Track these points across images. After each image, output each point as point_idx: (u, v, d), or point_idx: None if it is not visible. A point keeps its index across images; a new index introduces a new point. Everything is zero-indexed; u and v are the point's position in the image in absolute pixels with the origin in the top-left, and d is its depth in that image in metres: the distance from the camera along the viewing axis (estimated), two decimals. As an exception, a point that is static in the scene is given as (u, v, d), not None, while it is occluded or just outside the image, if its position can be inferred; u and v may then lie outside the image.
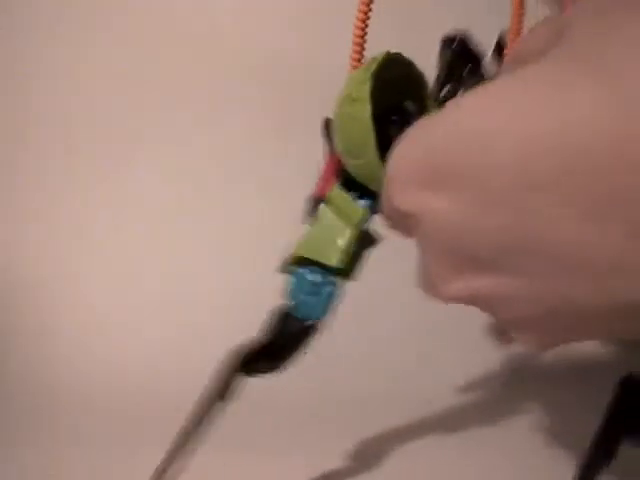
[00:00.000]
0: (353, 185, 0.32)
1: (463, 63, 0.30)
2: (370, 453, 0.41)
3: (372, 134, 0.28)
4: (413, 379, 0.48)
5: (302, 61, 0.58)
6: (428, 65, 0.31)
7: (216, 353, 0.33)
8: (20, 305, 0.58)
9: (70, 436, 0.37)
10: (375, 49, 0.31)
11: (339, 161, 0.32)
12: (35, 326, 0.57)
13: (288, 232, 0.33)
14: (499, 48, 0.31)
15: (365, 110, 0.28)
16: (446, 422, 0.45)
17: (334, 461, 0.40)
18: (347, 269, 0.34)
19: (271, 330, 0.34)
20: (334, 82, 0.32)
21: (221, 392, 0.33)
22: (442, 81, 0.31)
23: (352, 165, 0.30)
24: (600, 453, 0.29)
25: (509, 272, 0.21)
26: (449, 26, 0.31)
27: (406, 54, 0.31)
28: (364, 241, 0.34)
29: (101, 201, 0.61)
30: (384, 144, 0.28)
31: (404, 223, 0.25)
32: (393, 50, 0.30)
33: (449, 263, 0.23)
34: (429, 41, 0.32)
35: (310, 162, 0.33)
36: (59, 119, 0.62)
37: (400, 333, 0.52)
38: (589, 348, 0.47)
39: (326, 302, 0.33)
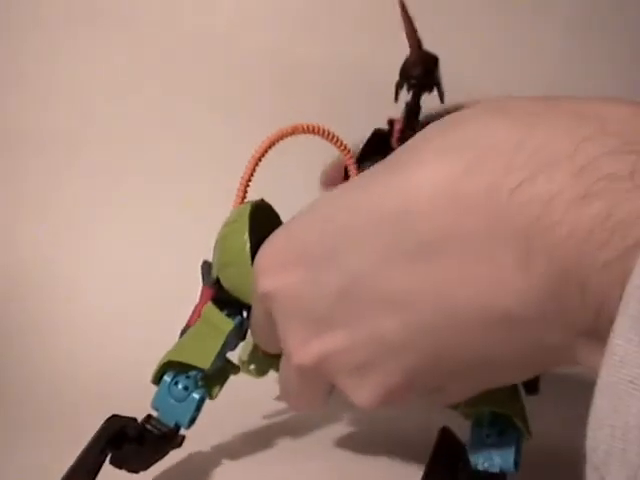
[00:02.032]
0: (226, 304, 0.37)
1: None
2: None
3: (247, 243, 0.34)
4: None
5: (303, 61, 0.60)
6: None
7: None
8: (20, 304, 0.57)
9: (71, 434, 0.36)
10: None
11: (213, 291, 0.37)
12: (35, 325, 0.56)
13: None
14: None
15: (244, 225, 0.35)
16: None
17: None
18: (212, 385, 0.38)
19: (141, 428, 0.36)
20: (335, 82, 0.36)
21: (89, 473, 0.34)
22: None
23: (227, 274, 0.36)
24: None
25: (349, 324, 0.26)
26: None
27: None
28: (228, 367, 0.39)
29: (101, 200, 0.61)
30: None
31: (266, 313, 0.30)
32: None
33: (301, 330, 0.28)
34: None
35: (311, 162, 0.38)
36: (59, 119, 0.62)
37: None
38: None
39: (193, 408, 0.36)
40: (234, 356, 0.40)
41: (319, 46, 0.60)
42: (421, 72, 0.40)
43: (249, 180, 0.40)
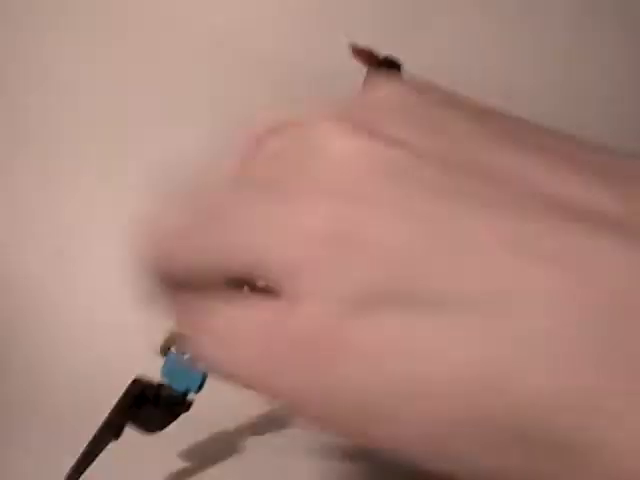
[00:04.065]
0: None
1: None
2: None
3: None
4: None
5: (303, 61, 0.60)
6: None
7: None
8: (19, 304, 0.57)
9: (71, 435, 0.37)
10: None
11: None
12: (35, 325, 0.56)
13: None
14: None
15: None
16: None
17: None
18: None
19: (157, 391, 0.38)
20: (335, 82, 0.37)
21: (116, 430, 0.36)
22: None
23: None
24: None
25: None
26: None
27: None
28: None
29: (101, 200, 0.61)
30: None
31: None
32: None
33: None
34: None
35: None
36: (59, 118, 0.62)
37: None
38: None
39: (200, 374, 0.39)
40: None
41: (318, 47, 0.61)
42: None
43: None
